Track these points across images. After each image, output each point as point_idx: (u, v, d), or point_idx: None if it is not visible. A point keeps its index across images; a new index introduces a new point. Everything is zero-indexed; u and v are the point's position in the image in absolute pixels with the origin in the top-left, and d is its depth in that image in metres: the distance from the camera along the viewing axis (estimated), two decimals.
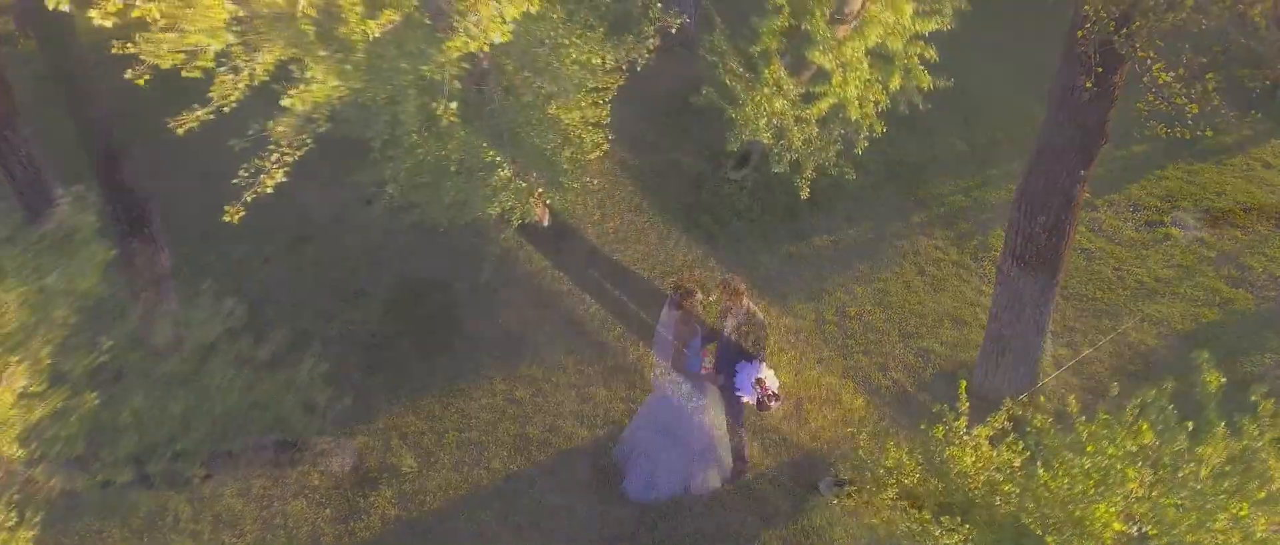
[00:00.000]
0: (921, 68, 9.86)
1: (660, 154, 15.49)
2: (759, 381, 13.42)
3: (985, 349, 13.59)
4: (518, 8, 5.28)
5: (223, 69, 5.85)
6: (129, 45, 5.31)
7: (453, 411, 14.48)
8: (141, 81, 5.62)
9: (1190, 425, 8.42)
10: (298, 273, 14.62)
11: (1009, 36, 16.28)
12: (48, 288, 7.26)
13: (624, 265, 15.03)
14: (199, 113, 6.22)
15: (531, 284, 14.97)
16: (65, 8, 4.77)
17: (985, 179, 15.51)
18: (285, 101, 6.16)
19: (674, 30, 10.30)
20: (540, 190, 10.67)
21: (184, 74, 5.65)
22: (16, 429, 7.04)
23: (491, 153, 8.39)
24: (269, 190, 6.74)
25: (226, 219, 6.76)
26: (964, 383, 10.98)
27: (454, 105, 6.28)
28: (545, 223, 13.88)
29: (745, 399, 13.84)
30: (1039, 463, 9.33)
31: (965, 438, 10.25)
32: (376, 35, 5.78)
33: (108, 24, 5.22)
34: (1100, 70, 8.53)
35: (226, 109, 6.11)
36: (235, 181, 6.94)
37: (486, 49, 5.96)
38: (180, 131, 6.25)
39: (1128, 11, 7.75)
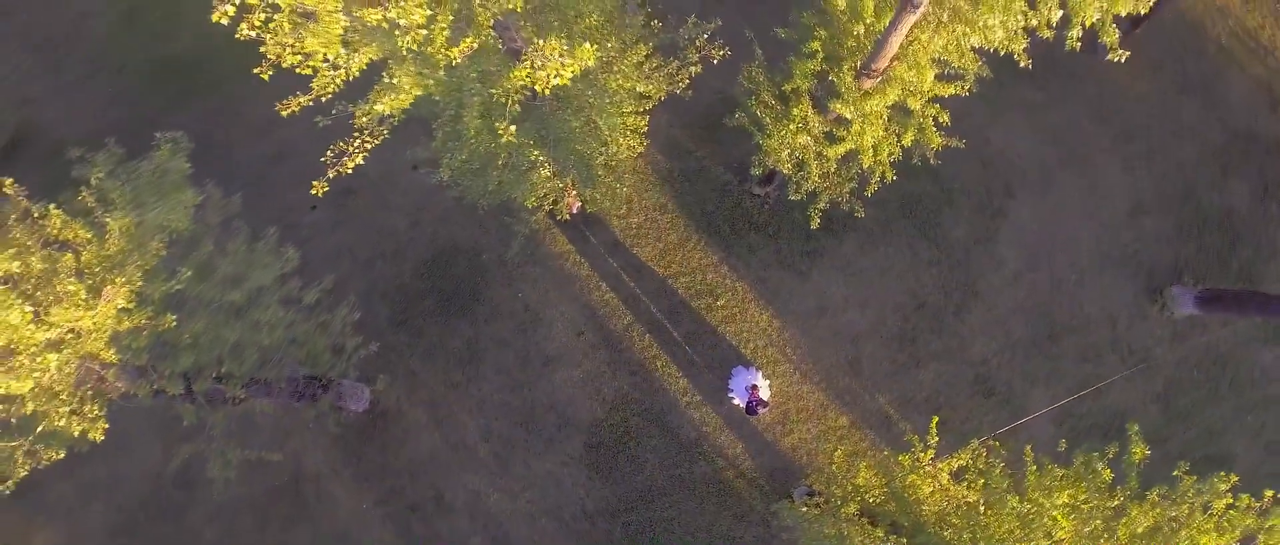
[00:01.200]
0: (934, 129, 10.92)
1: (691, 160, 16.69)
2: (753, 388, 14.76)
3: (970, 388, 14.74)
4: (578, 64, 6.43)
5: (325, 65, 7.10)
6: (256, 34, 6.56)
7: (464, 373, 15.91)
8: (266, 76, 6.88)
9: (1119, 488, 9.63)
10: (341, 222, 16.05)
11: (1040, 95, 17.17)
12: (147, 222, 8.66)
13: (642, 260, 16.33)
14: (301, 99, 7.52)
15: (553, 265, 16.31)
16: (225, 22, 6.04)
17: (995, 229, 16.56)
18: (379, 107, 7.43)
19: (716, 62, 11.46)
20: (573, 189, 11.93)
21: (297, 71, 6.93)
22: (107, 337, 8.50)
23: (536, 153, 9.61)
24: (349, 171, 8.05)
25: (313, 191, 8.06)
26: (935, 419, 12.22)
27: (513, 127, 7.48)
28: (574, 210, 15.15)
29: (736, 401, 15.18)
30: (982, 502, 10.59)
31: (928, 468, 11.52)
32: (457, 62, 7.00)
33: (224, 21, 6.45)
34: None
35: (324, 96, 7.41)
36: (322, 159, 8.25)
37: (547, 92, 7.12)
38: (284, 113, 7.55)
39: None
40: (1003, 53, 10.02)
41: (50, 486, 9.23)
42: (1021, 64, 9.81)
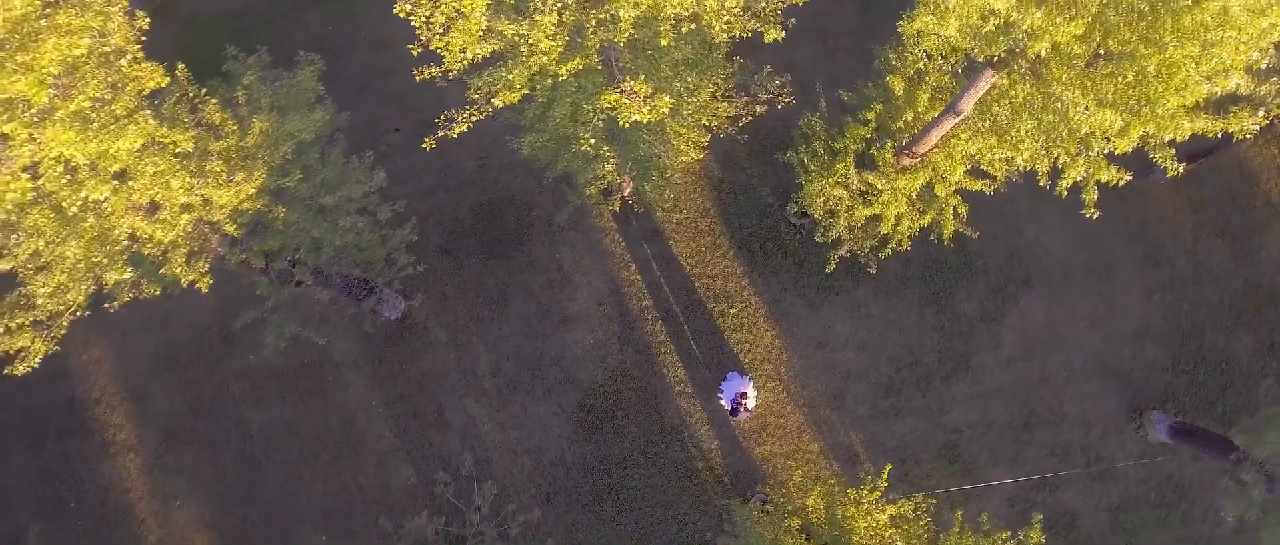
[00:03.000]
0: (952, 217, 12.82)
1: (741, 175, 18.73)
2: (742, 394, 16.96)
3: (937, 450, 16.79)
4: (657, 112, 8.42)
5: (460, 52, 9.23)
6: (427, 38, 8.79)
7: (490, 310, 18.32)
8: (402, 12, 8.91)
9: None
10: (416, 149, 18.38)
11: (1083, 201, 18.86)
12: (282, 128, 11.00)
13: (674, 253, 18.52)
14: (434, 70, 9.69)
15: (593, 237, 18.55)
16: (401, 15, 8.21)
17: (1002, 312, 18.40)
18: (498, 101, 9.62)
19: (780, 105, 13.48)
20: (630, 182, 14.09)
21: (433, 48, 9.16)
22: (229, 211, 10.91)
23: (604, 148, 11.68)
24: (454, 136, 10.25)
25: (424, 147, 10.30)
26: (889, 466, 14.33)
27: (593, 140, 9.50)
28: (626, 192, 17.30)
29: (723, 403, 17.41)
30: None
31: (868, 506, 13.67)
32: (565, 78, 9.09)
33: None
34: None
35: (452, 74, 9.59)
36: (435, 120, 10.51)
37: (626, 125, 9.16)
38: (418, 78, 9.72)
39: None
40: (1028, 169, 11.90)
41: (113, 315, 11.58)
42: (1041, 183, 11.67)
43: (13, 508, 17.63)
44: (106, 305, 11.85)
